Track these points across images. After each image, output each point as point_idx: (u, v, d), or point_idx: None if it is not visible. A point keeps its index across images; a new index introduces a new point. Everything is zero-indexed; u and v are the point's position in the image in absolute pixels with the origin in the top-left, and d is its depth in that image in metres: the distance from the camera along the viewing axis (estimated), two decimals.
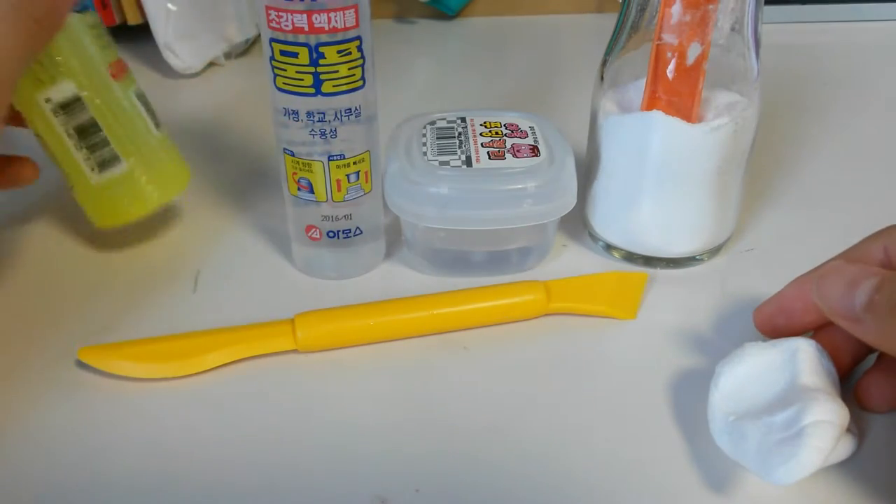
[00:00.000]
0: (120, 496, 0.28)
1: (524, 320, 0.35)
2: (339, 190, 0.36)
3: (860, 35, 0.66)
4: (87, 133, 0.35)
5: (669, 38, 0.33)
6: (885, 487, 0.28)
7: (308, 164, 0.35)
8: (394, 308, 0.35)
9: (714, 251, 0.39)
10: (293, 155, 0.35)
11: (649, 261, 0.38)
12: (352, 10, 0.32)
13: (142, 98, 0.38)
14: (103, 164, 0.36)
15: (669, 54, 0.34)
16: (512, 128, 0.38)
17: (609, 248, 0.39)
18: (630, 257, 0.39)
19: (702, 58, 0.33)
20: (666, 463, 0.29)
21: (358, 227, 0.37)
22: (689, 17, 0.33)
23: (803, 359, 0.28)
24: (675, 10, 0.33)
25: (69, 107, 0.35)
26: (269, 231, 0.42)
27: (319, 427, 0.31)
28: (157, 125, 0.38)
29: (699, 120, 0.34)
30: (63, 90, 0.34)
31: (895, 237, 0.29)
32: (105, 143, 0.36)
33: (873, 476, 0.28)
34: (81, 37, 0.35)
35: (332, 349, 0.34)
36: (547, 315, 0.35)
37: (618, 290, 0.36)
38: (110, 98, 0.36)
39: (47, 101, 0.34)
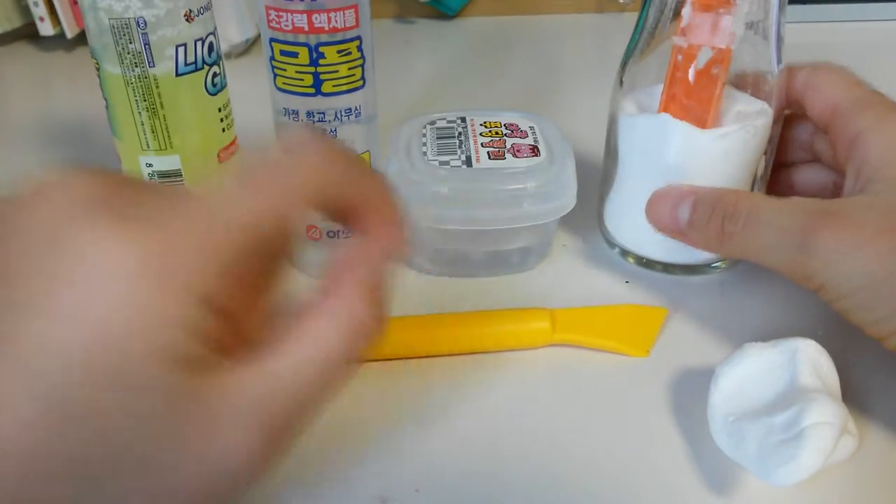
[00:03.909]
0: None
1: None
2: None
3: (861, 35, 0.66)
4: None
5: (685, 41, 0.33)
6: (885, 487, 0.28)
7: None
8: (392, 327, 0.33)
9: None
10: None
11: (667, 267, 0.37)
12: (352, 10, 0.32)
13: None
14: None
15: (681, 58, 0.33)
16: (512, 128, 0.38)
17: (625, 253, 0.38)
18: (641, 262, 0.38)
19: (714, 62, 0.33)
20: (666, 463, 0.29)
21: None
22: (704, 21, 0.32)
23: (802, 359, 0.28)
24: (687, 12, 0.32)
25: (167, 176, 0.35)
26: None
27: (319, 427, 0.31)
28: None
29: (714, 126, 0.33)
30: (168, 162, 0.35)
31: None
32: None
33: (873, 476, 0.28)
34: (209, 122, 0.35)
35: None
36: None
37: (631, 324, 0.34)
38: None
39: (149, 165, 0.35)
